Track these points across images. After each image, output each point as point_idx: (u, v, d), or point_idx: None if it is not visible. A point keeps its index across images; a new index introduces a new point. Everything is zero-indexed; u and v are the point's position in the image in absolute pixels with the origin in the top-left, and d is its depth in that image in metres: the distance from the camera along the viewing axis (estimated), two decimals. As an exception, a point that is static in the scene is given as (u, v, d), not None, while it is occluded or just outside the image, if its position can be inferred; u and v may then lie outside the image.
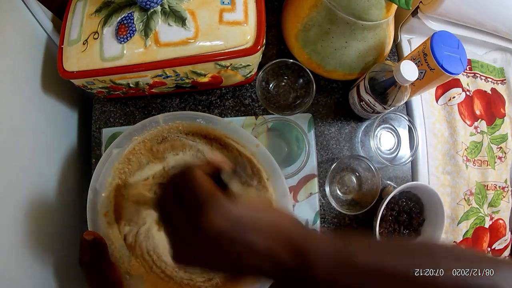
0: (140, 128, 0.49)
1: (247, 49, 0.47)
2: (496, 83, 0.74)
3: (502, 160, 0.71)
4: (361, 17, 0.49)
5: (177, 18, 0.46)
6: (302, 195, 0.59)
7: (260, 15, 0.49)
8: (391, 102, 0.52)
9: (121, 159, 0.50)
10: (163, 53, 0.46)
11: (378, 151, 0.60)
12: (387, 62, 0.53)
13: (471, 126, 0.68)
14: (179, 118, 0.50)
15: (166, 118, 0.49)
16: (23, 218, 0.46)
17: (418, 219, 0.60)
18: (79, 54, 0.47)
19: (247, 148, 0.50)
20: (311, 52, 0.56)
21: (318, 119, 0.62)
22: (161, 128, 0.50)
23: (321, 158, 0.61)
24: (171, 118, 0.49)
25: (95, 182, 0.49)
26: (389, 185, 0.62)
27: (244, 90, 0.61)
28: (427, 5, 0.57)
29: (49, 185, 0.54)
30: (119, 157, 0.50)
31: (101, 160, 0.49)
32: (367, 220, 0.61)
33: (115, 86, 0.51)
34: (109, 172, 0.50)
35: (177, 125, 0.50)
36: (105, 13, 0.47)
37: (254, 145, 0.49)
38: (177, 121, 0.50)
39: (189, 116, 0.49)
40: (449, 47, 0.51)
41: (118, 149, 0.49)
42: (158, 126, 0.50)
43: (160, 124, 0.50)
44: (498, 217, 0.70)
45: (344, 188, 0.61)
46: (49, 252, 0.52)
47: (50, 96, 0.56)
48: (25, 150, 0.48)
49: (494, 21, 0.62)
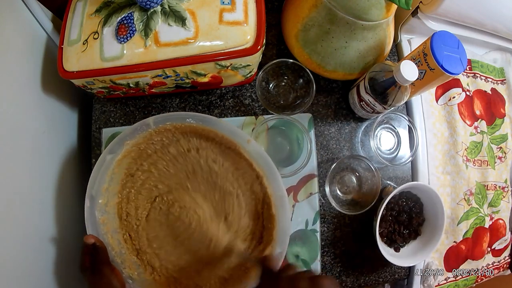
0: (131, 132, 0.49)
1: (247, 49, 0.47)
2: (496, 83, 0.74)
3: (502, 160, 0.71)
4: (361, 17, 0.49)
5: (177, 18, 0.46)
6: (302, 195, 0.59)
7: (260, 15, 0.49)
8: (391, 102, 0.52)
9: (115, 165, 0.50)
10: (163, 53, 0.46)
11: (378, 151, 0.60)
12: (387, 62, 0.53)
13: (471, 126, 0.68)
14: (170, 119, 0.49)
15: (156, 120, 0.49)
16: (23, 218, 0.46)
17: (418, 219, 0.60)
18: (79, 54, 0.47)
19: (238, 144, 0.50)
20: (311, 52, 0.56)
21: (318, 119, 0.62)
22: (152, 131, 0.50)
23: (321, 158, 0.61)
24: (161, 120, 0.49)
25: (91, 189, 0.49)
26: (389, 185, 0.62)
27: (244, 90, 0.61)
28: (427, 5, 0.57)
29: (49, 185, 0.54)
30: (112, 163, 0.50)
31: (96, 167, 0.49)
32: (367, 220, 0.61)
33: (115, 86, 0.51)
34: (104, 179, 0.50)
35: (168, 127, 0.50)
36: (105, 13, 0.47)
37: (245, 140, 0.49)
38: (167, 123, 0.49)
39: (179, 116, 0.49)
40: (449, 47, 0.51)
41: (111, 155, 0.49)
42: (149, 129, 0.50)
43: (151, 126, 0.49)
44: (498, 217, 0.70)
45: (344, 188, 0.61)
46: (50, 254, 0.52)
47: (50, 96, 0.56)
48: (25, 150, 0.48)
49: (494, 21, 0.62)
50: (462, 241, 0.67)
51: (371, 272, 0.62)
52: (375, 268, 0.62)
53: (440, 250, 0.65)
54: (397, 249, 0.60)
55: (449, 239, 0.66)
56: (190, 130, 0.51)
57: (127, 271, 0.50)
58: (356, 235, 0.61)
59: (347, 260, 0.61)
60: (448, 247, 0.66)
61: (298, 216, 0.59)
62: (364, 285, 0.62)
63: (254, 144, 0.49)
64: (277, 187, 0.49)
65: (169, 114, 0.49)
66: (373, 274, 0.62)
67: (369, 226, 0.60)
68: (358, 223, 0.61)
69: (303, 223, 0.59)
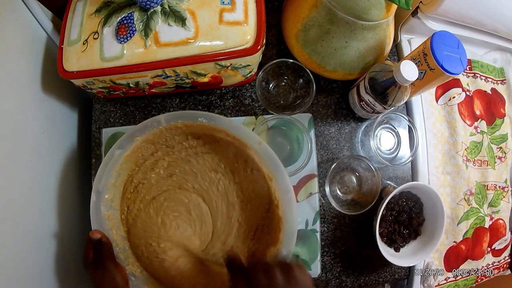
0: (141, 128, 0.49)
1: (247, 49, 0.47)
2: (496, 83, 0.74)
3: (502, 160, 0.71)
4: (361, 17, 0.49)
5: (177, 18, 0.46)
6: (302, 195, 0.59)
7: (260, 15, 0.49)
8: (391, 102, 0.52)
9: (123, 160, 0.50)
10: (163, 53, 0.46)
11: (378, 151, 0.60)
12: (387, 62, 0.53)
13: (471, 126, 0.68)
14: (181, 118, 0.49)
15: (168, 118, 0.49)
16: (23, 218, 0.47)
17: (418, 219, 0.60)
18: (79, 54, 0.47)
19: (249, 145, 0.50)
20: (311, 52, 0.56)
21: (318, 119, 0.62)
22: (163, 128, 0.50)
23: (321, 158, 0.61)
24: (173, 117, 0.49)
25: (98, 184, 0.49)
26: (389, 185, 0.62)
27: (244, 90, 0.61)
28: (427, 5, 0.57)
29: (49, 185, 0.54)
30: (121, 158, 0.50)
31: (103, 162, 0.49)
32: (367, 220, 0.61)
33: (115, 86, 0.51)
34: (111, 174, 0.50)
35: (179, 125, 0.50)
36: (105, 13, 0.47)
37: (256, 142, 0.49)
38: (179, 121, 0.49)
39: (191, 115, 0.49)
40: (449, 47, 0.51)
41: (120, 150, 0.49)
42: (160, 126, 0.49)
43: (162, 124, 0.49)
44: (498, 217, 0.70)
45: (344, 188, 0.61)
46: (50, 252, 0.52)
47: (50, 96, 0.56)
48: (25, 150, 0.48)
49: (494, 21, 0.62)
50: (462, 241, 0.67)
51: (371, 272, 0.62)
52: (375, 268, 0.62)
53: (440, 250, 0.65)
54: (397, 249, 0.60)
55: (449, 239, 0.66)
56: (201, 129, 0.51)
57: (130, 267, 0.50)
58: (356, 235, 0.61)
59: (347, 260, 0.61)
60: (448, 247, 0.66)
61: (298, 216, 0.58)
62: (364, 285, 0.62)
63: (265, 146, 0.49)
64: (285, 189, 0.49)
65: (182, 112, 0.49)
66: (373, 274, 0.62)
67: (369, 226, 0.60)
68: (358, 223, 0.61)
69: (303, 223, 0.59)
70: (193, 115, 0.49)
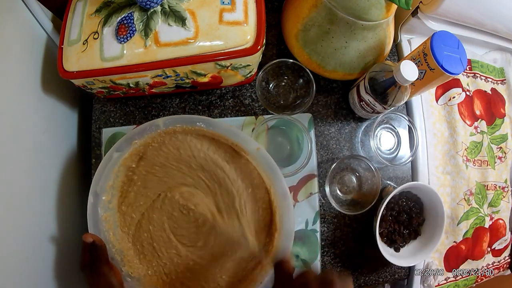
0: (140, 132, 0.49)
1: (247, 49, 0.47)
2: (496, 83, 0.74)
3: (502, 160, 0.71)
4: (361, 17, 0.49)
5: (177, 18, 0.46)
6: (302, 195, 0.59)
7: (260, 15, 0.49)
8: (391, 102, 0.52)
9: (121, 163, 0.50)
10: (163, 53, 0.46)
11: (378, 151, 0.60)
12: (387, 62, 0.53)
13: (471, 126, 0.68)
14: (180, 122, 0.49)
15: (166, 122, 0.49)
16: (23, 218, 0.46)
17: (418, 219, 0.60)
18: (79, 54, 0.47)
19: (247, 151, 0.50)
20: (311, 52, 0.56)
21: (318, 119, 0.62)
22: (161, 131, 0.50)
23: (321, 158, 0.61)
24: (171, 121, 0.49)
25: (96, 185, 0.49)
26: (389, 185, 0.62)
27: (244, 90, 0.61)
28: (427, 5, 0.57)
29: (49, 184, 0.54)
30: (119, 161, 0.50)
31: (102, 164, 0.49)
32: (367, 220, 0.61)
33: (115, 86, 0.51)
34: (109, 176, 0.50)
35: (177, 129, 0.50)
36: (105, 13, 0.47)
37: (254, 148, 0.49)
38: (177, 125, 0.50)
39: (189, 119, 0.49)
40: (449, 47, 0.51)
41: (119, 153, 0.49)
42: (158, 130, 0.50)
43: (160, 128, 0.50)
44: (498, 217, 0.70)
45: (344, 188, 0.61)
46: (49, 253, 0.52)
47: (50, 96, 0.56)
48: (25, 150, 0.48)
49: (494, 21, 0.62)
50: (462, 241, 0.67)
51: (371, 272, 0.62)
52: (375, 268, 0.62)
53: (440, 250, 0.65)
54: (397, 249, 0.60)
55: (449, 239, 0.66)
56: (199, 134, 0.51)
57: (127, 269, 0.50)
58: (356, 235, 0.61)
59: (347, 260, 0.61)
60: (448, 247, 0.66)
61: (298, 216, 0.59)
62: (364, 285, 0.62)
63: (263, 152, 0.49)
64: (283, 196, 0.49)
65: (180, 116, 0.49)
66: (373, 274, 0.62)
67: (369, 226, 0.60)
68: (358, 223, 0.61)
69: (303, 223, 0.59)
70: (191, 120, 0.49)
